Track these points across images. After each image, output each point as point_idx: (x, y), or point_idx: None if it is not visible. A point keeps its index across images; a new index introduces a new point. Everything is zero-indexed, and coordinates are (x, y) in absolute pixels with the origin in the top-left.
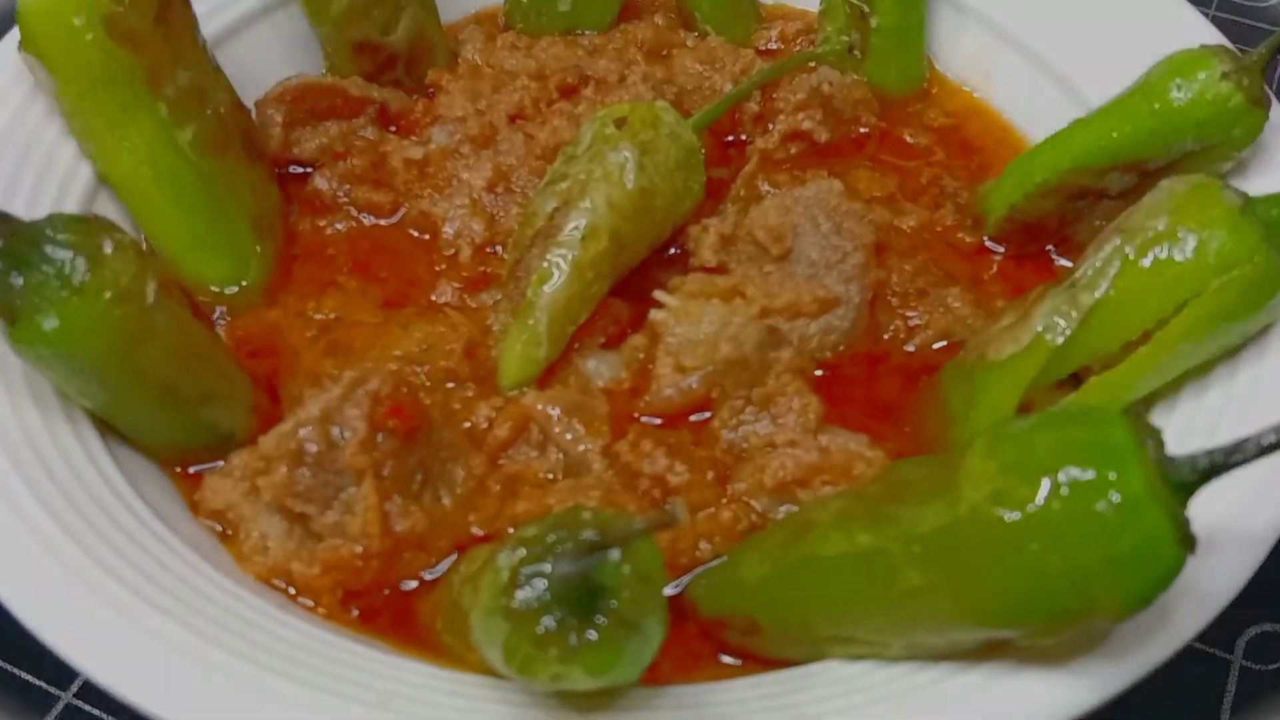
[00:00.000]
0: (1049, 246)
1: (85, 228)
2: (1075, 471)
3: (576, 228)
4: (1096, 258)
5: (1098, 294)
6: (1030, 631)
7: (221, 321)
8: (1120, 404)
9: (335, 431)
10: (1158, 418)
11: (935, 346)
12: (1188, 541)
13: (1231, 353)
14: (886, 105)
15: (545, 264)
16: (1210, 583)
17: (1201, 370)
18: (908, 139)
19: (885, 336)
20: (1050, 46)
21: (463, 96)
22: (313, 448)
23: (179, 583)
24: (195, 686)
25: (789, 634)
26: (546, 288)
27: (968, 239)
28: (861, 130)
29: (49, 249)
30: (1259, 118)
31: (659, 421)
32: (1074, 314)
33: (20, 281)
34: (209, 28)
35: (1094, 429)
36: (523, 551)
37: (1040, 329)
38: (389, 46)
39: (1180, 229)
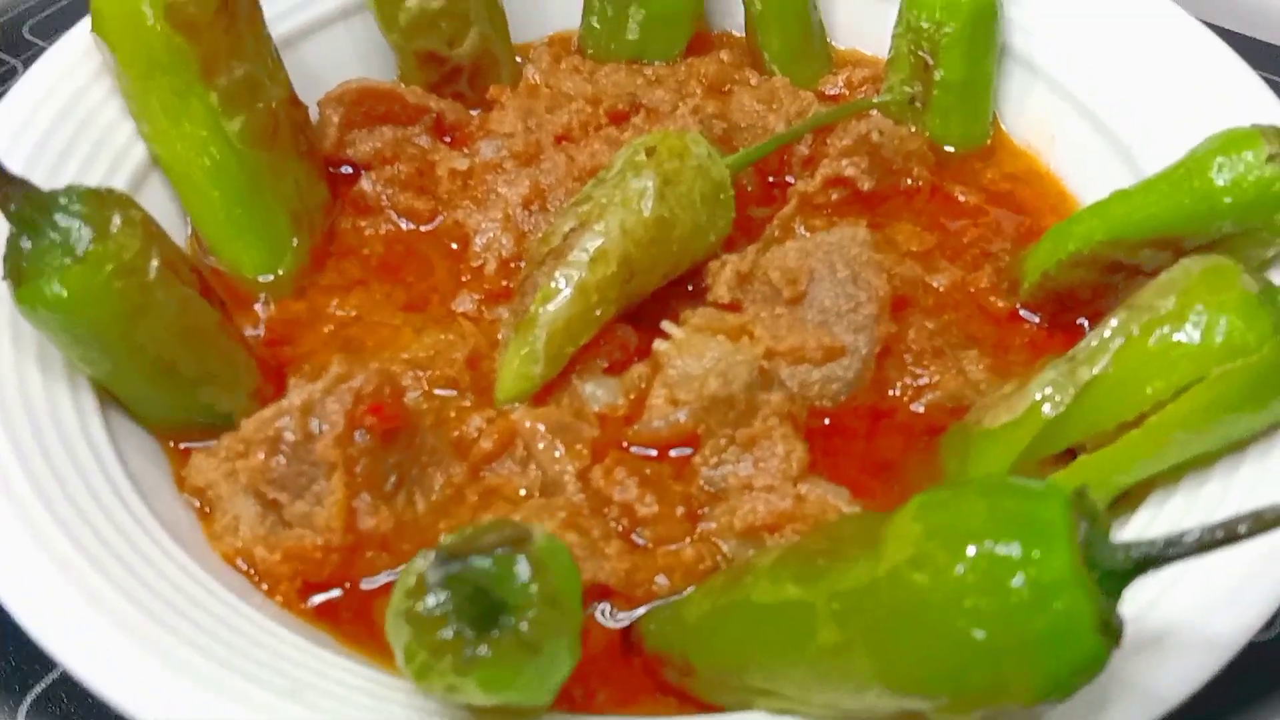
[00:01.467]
0: (1082, 319)
1: (97, 200)
2: (998, 544)
3: (586, 249)
4: (1100, 332)
5: (1095, 370)
6: (941, 706)
7: (265, 309)
8: (1107, 487)
9: (314, 423)
10: (1150, 505)
11: (944, 409)
12: (1110, 631)
13: (1238, 446)
14: (945, 160)
15: (551, 283)
16: (1158, 683)
17: (1204, 461)
18: (959, 196)
19: (892, 392)
20: (1117, 115)
21: (515, 114)
22: (290, 436)
23: (130, 550)
24: (109, 648)
25: (720, 679)
26: (549, 306)
27: (1000, 303)
28: (910, 182)
29: (59, 217)
30: None
31: (653, 453)
32: (1070, 388)
33: (29, 246)
34: (284, 25)
35: (1027, 503)
36: (433, 557)
37: (1036, 399)
38: (454, 59)
39: (1189, 310)
